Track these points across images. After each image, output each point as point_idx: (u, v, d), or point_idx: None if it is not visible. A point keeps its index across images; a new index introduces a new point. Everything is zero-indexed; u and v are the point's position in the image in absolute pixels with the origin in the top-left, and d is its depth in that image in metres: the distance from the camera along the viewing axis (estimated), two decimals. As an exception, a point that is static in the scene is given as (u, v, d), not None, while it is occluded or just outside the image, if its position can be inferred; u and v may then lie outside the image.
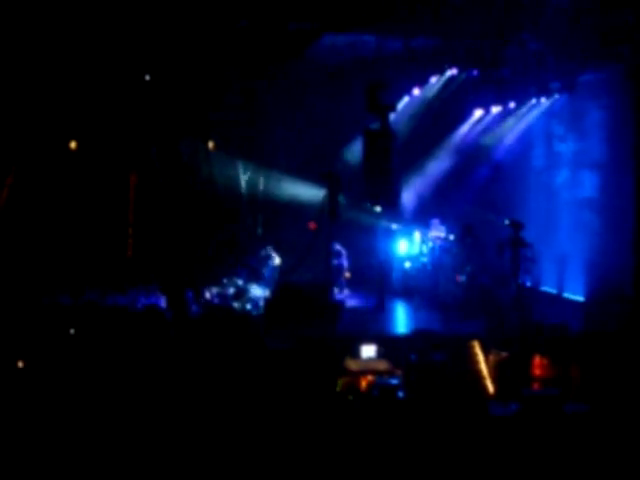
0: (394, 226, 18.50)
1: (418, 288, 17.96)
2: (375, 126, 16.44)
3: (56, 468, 9.12)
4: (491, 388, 13.30)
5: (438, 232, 18.56)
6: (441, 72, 17.99)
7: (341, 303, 16.29)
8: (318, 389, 12.04)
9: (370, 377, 12.75)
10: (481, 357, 13.69)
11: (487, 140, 20.21)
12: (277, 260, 18.03)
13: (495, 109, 19.66)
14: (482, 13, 14.69)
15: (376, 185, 16.58)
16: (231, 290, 17.00)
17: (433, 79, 18.29)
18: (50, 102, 16.42)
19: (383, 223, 18.38)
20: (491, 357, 13.64)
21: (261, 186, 20.28)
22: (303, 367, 12.50)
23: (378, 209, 17.10)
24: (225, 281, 17.30)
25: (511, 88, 18.30)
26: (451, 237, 18.37)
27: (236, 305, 16.26)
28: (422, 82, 18.35)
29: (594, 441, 10.05)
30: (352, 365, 13.12)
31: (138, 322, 13.96)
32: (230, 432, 10.09)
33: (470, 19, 14.96)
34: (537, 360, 13.34)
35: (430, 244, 18.41)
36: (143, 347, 12.69)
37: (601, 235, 16.41)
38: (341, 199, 15.71)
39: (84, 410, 10.56)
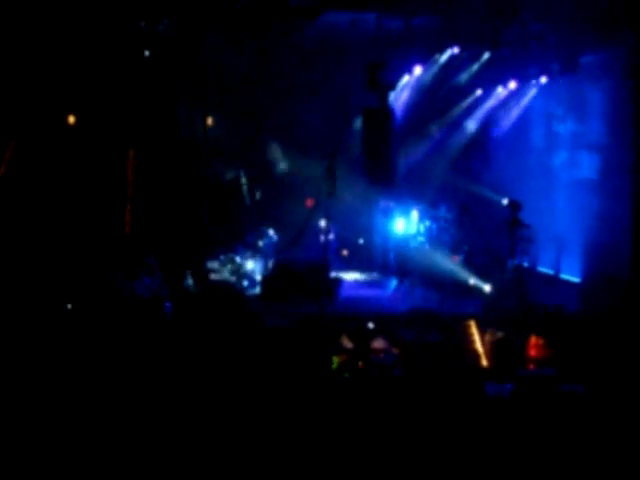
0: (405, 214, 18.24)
1: (415, 267, 17.95)
2: (374, 105, 16.42)
3: (56, 453, 9.16)
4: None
5: (436, 211, 18.54)
6: (441, 51, 17.94)
7: (338, 280, 16.33)
8: (314, 366, 12.08)
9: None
10: (477, 337, 13.73)
11: (486, 120, 20.18)
12: (274, 236, 18.04)
13: (495, 89, 19.62)
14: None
15: (374, 163, 16.58)
16: (228, 266, 17.02)
17: (433, 58, 18.24)
18: (48, 77, 16.35)
19: (381, 202, 18.36)
20: (487, 337, 13.67)
21: (259, 162, 20.24)
22: (299, 345, 12.53)
23: (376, 187, 17.10)
24: (222, 257, 17.32)
25: (511, 68, 18.26)
26: (448, 216, 18.37)
27: (232, 281, 16.28)
28: (422, 61, 18.29)
29: (589, 422, 10.13)
30: (347, 343, 13.15)
31: (134, 303, 13.97)
32: (226, 411, 10.14)
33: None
34: (533, 340, 13.37)
35: (427, 223, 18.40)
36: (140, 326, 12.73)
37: (598, 216, 16.40)
38: (339, 176, 15.69)
39: (78, 390, 10.61)
